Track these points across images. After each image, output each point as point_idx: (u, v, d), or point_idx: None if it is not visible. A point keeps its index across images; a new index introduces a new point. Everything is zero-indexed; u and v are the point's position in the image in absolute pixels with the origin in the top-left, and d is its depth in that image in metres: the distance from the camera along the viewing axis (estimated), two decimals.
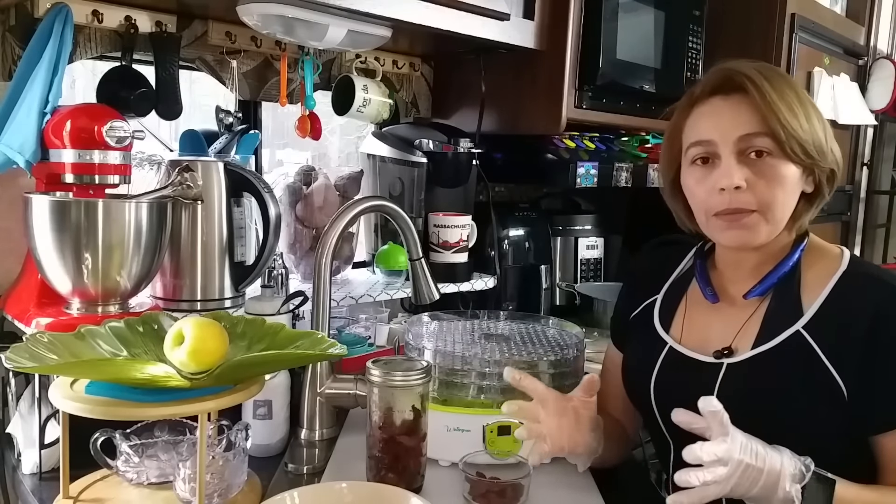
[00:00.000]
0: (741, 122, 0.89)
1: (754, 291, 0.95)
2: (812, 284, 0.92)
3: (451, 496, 0.99)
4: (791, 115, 0.88)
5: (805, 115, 0.89)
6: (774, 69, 0.93)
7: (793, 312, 0.91)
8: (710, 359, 0.95)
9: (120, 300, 1.09)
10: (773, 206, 0.90)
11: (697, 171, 0.94)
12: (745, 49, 1.93)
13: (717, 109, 0.92)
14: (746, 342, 0.94)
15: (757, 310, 0.95)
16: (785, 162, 0.89)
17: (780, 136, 0.87)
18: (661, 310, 1.06)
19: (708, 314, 1.00)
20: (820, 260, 0.95)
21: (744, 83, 0.89)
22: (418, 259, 1.24)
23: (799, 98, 0.90)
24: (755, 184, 0.89)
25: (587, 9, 1.56)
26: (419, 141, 1.59)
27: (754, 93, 0.88)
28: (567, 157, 1.65)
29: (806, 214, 0.95)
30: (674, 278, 1.08)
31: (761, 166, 0.89)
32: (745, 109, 0.89)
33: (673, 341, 1.01)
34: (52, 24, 1.09)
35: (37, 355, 0.85)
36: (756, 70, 0.90)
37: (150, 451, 0.96)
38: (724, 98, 0.91)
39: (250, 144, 1.40)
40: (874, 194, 3.01)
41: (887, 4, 2.74)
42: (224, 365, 0.85)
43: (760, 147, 0.88)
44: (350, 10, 1.22)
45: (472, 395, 1.07)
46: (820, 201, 0.95)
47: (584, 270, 2.00)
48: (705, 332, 0.99)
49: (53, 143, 1.05)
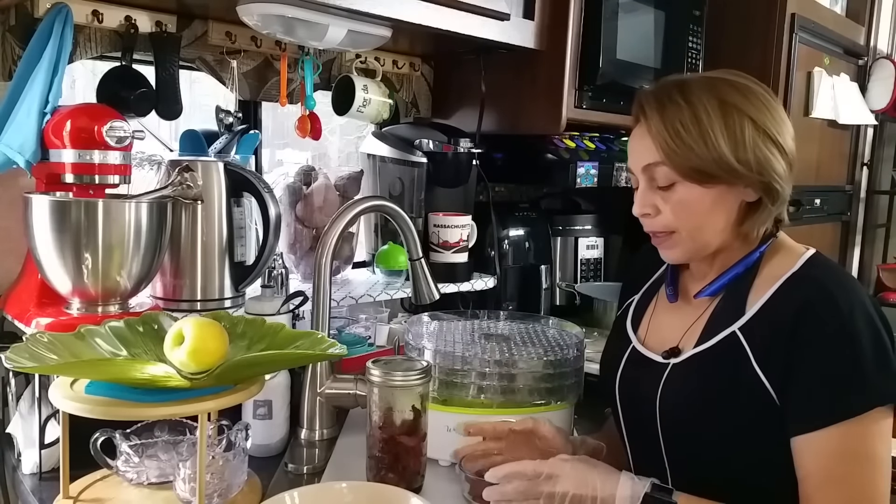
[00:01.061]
0: (643, 151, 0.91)
1: (704, 291, 0.95)
2: (761, 286, 0.90)
3: (451, 496, 0.99)
4: (679, 142, 0.87)
5: (701, 137, 0.86)
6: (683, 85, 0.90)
7: (735, 313, 0.90)
8: (660, 358, 0.96)
9: (120, 300, 1.09)
10: (686, 229, 0.91)
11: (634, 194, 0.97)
12: (745, 49, 1.93)
13: (633, 137, 0.95)
14: (691, 342, 0.94)
15: (706, 310, 0.95)
16: (689, 186, 0.88)
17: (670, 164, 0.88)
18: (634, 310, 1.08)
19: (669, 314, 1.01)
20: (777, 261, 0.92)
21: (640, 115, 0.92)
22: (418, 259, 1.24)
23: (694, 118, 0.86)
24: (663, 209, 0.92)
25: (587, 9, 1.56)
26: (419, 141, 1.59)
27: (644, 124, 0.91)
28: (567, 157, 1.65)
29: (751, 221, 0.91)
30: (652, 280, 1.09)
31: (667, 193, 0.91)
32: (646, 138, 0.91)
33: (636, 341, 1.03)
34: (52, 24, 1.09)
35: (37, 355, 0.85)
36: (656, 96, 0.90)
37: (150, 451, 0.96)
38: (638, 126, 0.94)
39: (250, 144, 1.40)
40: (874, 194, 3.01)
41: (887, 4, 2.74)
42: (224, 365, 0.85)
43: (662, 175, 0.90)
44: (350, 10, 1.22)
45: (472, 395, 1.07)
46: (764, 210, 0.90)
47: (584, 270, 2.00)
48: (664, 332, 1.00)
49: (53, 143, 1.05)
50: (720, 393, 0.88)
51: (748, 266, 0.92)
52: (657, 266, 1.10)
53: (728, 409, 0.86)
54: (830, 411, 0.81)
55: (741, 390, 0.86)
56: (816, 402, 0.82)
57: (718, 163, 0.86)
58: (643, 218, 0.94)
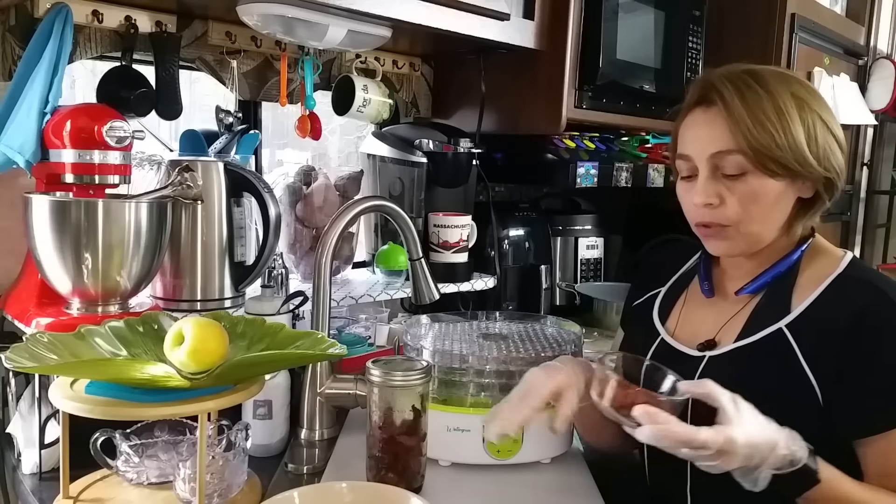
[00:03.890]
0: (714, 138, 0.89)
1: (746, 288, 0.96)
2: (805, 285, 0.92)
3: (452, 496, 0.99)
4: (761, 131, 0.86)
5: (781, 128, 0.86)
6: (758, 75, 0.90)
7: (780, 310, 0.92)
8: (694, 351, 0.97)
9: (120, 300, 1.09)
10: (747, 222, 0.90)
11: (684, 184, 0.96)
12: (745, 49, 1.93)
13: (696, 123, 0.93)
14: (730, 336, 0.95)
15: (746, 306, 0.96)
16: (761, 177, 0.88)
17: (748, 154, 0.87)
18: (661, 302, 1.08)
19: (703, 309, 1.02)
20: (819, 261, 0.94)
21: (714, 99, 0.89)
22: (418, 259, 1.24)
23: (778, 108, 0.87)
24: (728, 200, 0.90)
25: (587, 9, 1.56)
26: (419, 141, 1.59)
27: (723, 110, 0.88)
28: (567, 157, 1.65)
29: (804, 218, 0.94)
30: (680, 274, 1.09)
31: (736, 183, 0.89)
32: (720, 124, 0.89)
33: (666, 333, 1.03)
34: (52, 24, 1.09)
35: (37, 355, 0.85)
36: (731, 81, 0.89)
37: (150, 451, 0.96)
38: (704, 111, 0.91)
39: (250, 144, 1.40)
40: (874, 194, 3.01)
41: (887, 4, 2.74)
42: (224, 365, 0.85)
43: (733, 165, 0.88)
44: (350, 10, 1.22)
45: (471, 395, 1.07)
46: (820, 206, 0.94)
47: (584, 270, 2.00)
48: (697, 326, 1.00)
49: (53, 143, 1.05)
50: (763, 385, 0.88)
51: (790, 265, 0.94)
52: (677, 260, 1.10)
53: (769, 401, 0.86)
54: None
55: (785, 385, 0.88)
56: (885, 405, 0.85)
57: (795, 155, 0.87)
58: (705, 208, 0.91)
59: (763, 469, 0.78)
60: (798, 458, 0.79)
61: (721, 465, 0.78)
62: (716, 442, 0.76)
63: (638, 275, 1.18)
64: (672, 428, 0.77)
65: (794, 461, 0.79)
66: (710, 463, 0.78)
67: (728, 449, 0.76)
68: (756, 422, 0.79)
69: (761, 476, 0.78)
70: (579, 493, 1.03)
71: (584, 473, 1.08)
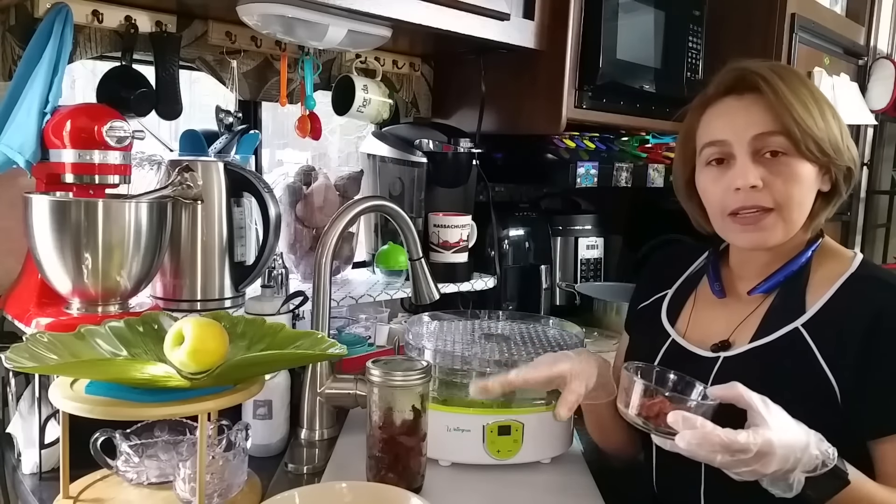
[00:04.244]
0: (755, 121, 0.89)
1: (759, 288, 0.96)
2: (819, 284, 0.92)
3: (452, 496, 0.99)
4: (806, 113, 0.87)
5: (820, 113, 0.89)
6: (788, 68, 0.93)
7: (795, 310, 0.92)
8: (707, 353, 0.96)
9: (120, 300, 1.09)
10: (790, 204, 0.90)
11: (713, 171, 0.94)
12: (746, 49, 1.93)
13: (730, 109, 0.92)
14: (745, 336, 0.94)
15: (760, 306, 0.96)
16: (800, 160, 0.89)
17: (794, 134, 0.87)
18: (669, 304, 1.07)
19: (714, 310, 1.01)
20: (830, 261, 0.94)
21: (757, 82, 0.89)
22: (418, 259, 1.24)
23: (813, 96, 0.90)
24: (771, 182, 0.89)
25: (587, 9, 1.56)
26: (419, 141, 1.59)
27: (768, 91, 0.88)
28: (567, 157, 1.65)
29: (822, 213, 0.95)
30: (687, 275, 1.09)
31: (777, 165, 0.89)
32: (759, 109, 0.89)
33: (676, 335, 1.02)
34: (52, 24, 1.09)
35: (37, 355, 0.85)
36: (769, 69, 0.90)
37: (150, 451, 0.96)
38: (738, 98, 0.91)
39: (250, 144, 1.40)
40: (874, 194, 3.01)
41: (887, 4, 2.74)
42: (224, 365, 0.85)
43: (776, 147, 0.88)
44: (350, 10, 1.22)
45: (471, 395, 1.07)
46: (837, 200, 0.95)
47: (584, 270, 2.00)
48: (709, 327, 0.99)
49: (53, 143, 1.05)
50: (781, 385, 0.88)
51: (802, 265, 0.94)
52: (683, 262, 1.10)
53: (787, 400, 0.85)
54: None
55: (803, 384, 0.87)
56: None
57: (830, 140, 0.89)
58: (745, 192, 0.89)
59: (797, 472, 0.77)
60: (829, 458, 0.78)
61: (758, 470, 0.75)
62: (755, 444, 0.74)
63: (642, 278, 1.17)
64: (713, 432, 0.75)
65: (826, 462, 0.78)
66: (745, 469, 0.76)
67: (767, 451, 0.74)
68: (789, 422, 0.78)
69: (796, 480, 0.77)
70: (579, 493, 1.03)
71: (584, 473, 1.08)
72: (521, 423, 1.05)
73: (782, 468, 0.76)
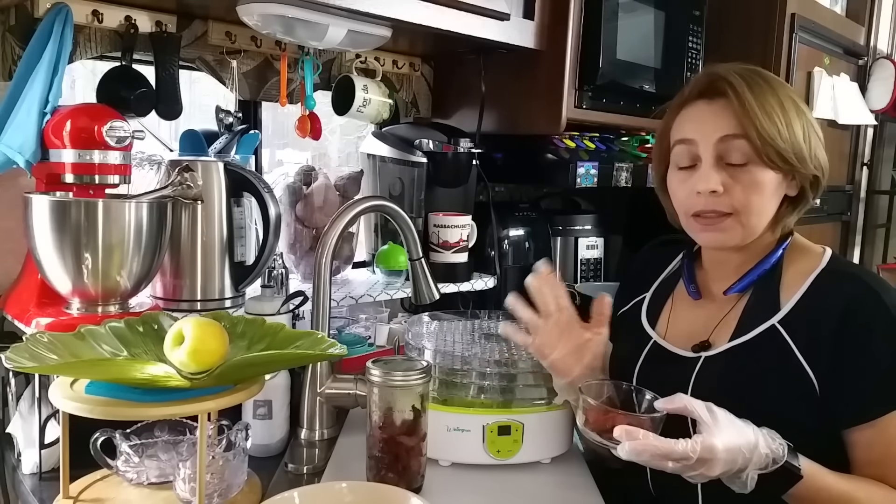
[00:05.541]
0: (721, 125, 0.92)
1: (734, 288, 0.98)
2: (791, 282, 0.95)
3: (452, 496, 0.99)
4: (769, 122, 0.89)
5: (785, 122, 0.90)
6: (762, 74, 0.94)
7: (770, 308, 0.94)
8: (688, 353, 0.98)
9: (120, 300, 1.09)
10: (748, 211, 0.92)
11: (681, 173, 0.97)
12: (746, 49, 1.93)
13: (700, 112, 0.95)
14: (724, 336, 0.96)
15: (735, 306, 0.98)
16: (762, 168, 0.91)
17: (755, 142, 0.89)
18: (648, 307, 1.09)
19: (691, 311, 1.03)
20: (801, 258, 0.97)
21: (725, 89, 0.92)
22: (418, 259, 1.24)
23: (781, 105, 0.91)
24: (731, 188, 0.92)
25: (587, 9, 1.56)
26: (419, 141, 1.59)
27: (733, 98, 0.91)
28: (567, 157, 1.65)
29: (789, 217, 0.97)
30: (663, 278, 1.11)
31: (739, 172, 0.92)
32: (727, 114, 0.92)
33: (657, 336, 1.04)
34: (52, 24, 1.09)
35: (37, 355, 0.85)
36: (740, 75, 0.92)
37: (150, 451, 0.96)
38: (709, 102, 0.94)
39: (250, 144, 1.40)
40: (874, 194, 3.01)
41: (887, 4, 2.73)
42: (224, 365, 0.85)
43: (739, 151, 0.91)
44: (350, 10, 1.22)
45: (472, 395, 1.07)
46: (804, 205, 0.97)
47: (584, 270, 2.00)
48: (688, 328, 1.02)
49: (53, 143, 1.05)
50: (763, 382, 0.90)
51: (774, 263, 0.97)
52: (659, 265, 1.12)
53: (770, 397, 0.89)
54: (887, 402, 0.86)
55: (784, 380, 0.90)
56: (872, 394, 0.87)
57: (794, 149, 0.91)
58: (706, 197, 0.92)
59: (749, 470, 0.80)
60: (780, 455, 0.81)
61: (705, 473, 0.79)
62: (694, 451, 0.78)
63: (621, 285, 1.19)
64: (650, 442, 0.79)
65: (777, 459, 0.81)
66: (694, 472, 0.80)
67: (708, 456, 0.78)
68: (733, 426, 0.81)
69: (749, 478, 0.80)
70: (579, 493, 1.03)
71: (584, 473, 1.08)
72: (520, 423, 1.05)
73: (731, 469, 0.79)
